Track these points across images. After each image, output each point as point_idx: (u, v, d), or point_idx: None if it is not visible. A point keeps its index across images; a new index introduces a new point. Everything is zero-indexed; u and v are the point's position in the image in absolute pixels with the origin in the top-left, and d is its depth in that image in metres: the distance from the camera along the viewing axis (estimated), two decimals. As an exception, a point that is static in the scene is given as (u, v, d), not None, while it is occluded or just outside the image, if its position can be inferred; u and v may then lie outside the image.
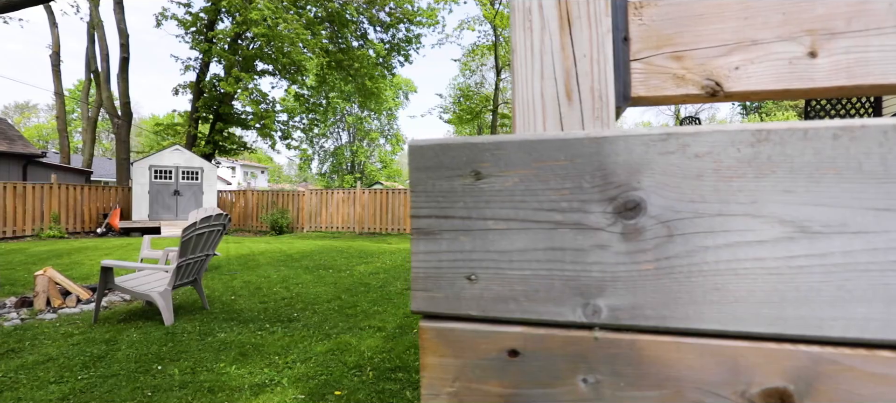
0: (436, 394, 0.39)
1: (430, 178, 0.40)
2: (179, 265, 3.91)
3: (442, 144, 0.39)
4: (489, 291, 0.39)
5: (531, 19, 0.46)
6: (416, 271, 0.40)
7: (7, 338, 3.50)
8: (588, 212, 0.36)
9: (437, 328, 0.40)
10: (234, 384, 2.73)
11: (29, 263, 7.20)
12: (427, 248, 0.40)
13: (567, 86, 0.45)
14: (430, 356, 0.39)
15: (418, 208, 0.40)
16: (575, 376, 0.37)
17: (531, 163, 0.38)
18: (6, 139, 16.33)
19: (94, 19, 18.28)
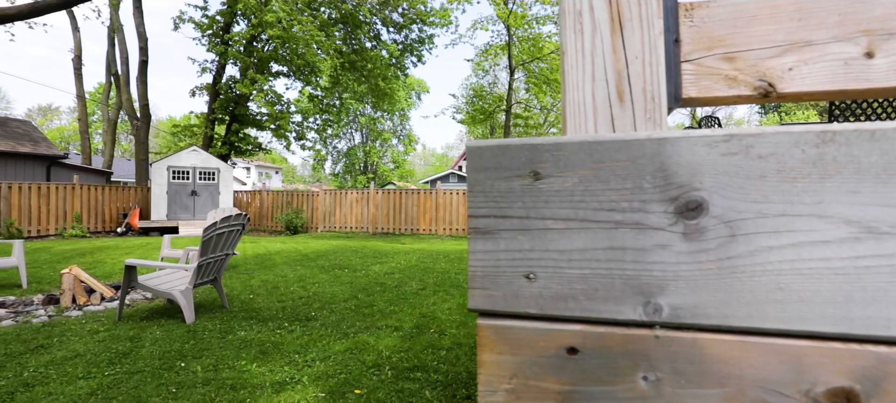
0: (493, 390, 0.40)
1: (488, 179, 0.41)
2: (200, 264, 3.98)
3: (501, 145, 0.40)
4: (548, 290, 0.39)
5: (582, 22, 0.47)
6: (474, 270, 0.41)
7: (36, 334, 3.60)
8: (649, 212, 0.37)
9: (494, 325, 0.41)
10: (256, 381, 2.77)
11: (54, 262, 7.39)
12: (485, 247, 0.41)
13: (619, 87, 0.45)
14: (488, 353, 0.40)
15: (476, 208, 0.41)
16: (635, 373, 0.37)
17: (591, 164, 0.38)
18: (31, 141, 16.78)
19: (114, 23, 18.70)
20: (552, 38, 19.40)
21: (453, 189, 14.69)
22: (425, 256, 8.31)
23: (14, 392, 2.60)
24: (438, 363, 3.11)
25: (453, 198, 14.33)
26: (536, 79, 20.14)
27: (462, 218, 14.20)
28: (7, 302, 4.60)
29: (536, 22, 18.58)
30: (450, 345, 3.45)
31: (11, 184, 11.57)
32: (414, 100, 42.14)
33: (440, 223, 14.40)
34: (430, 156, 75.04)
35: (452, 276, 6.24)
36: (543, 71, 19.70)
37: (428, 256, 8.30)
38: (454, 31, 31.17)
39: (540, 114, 30.75)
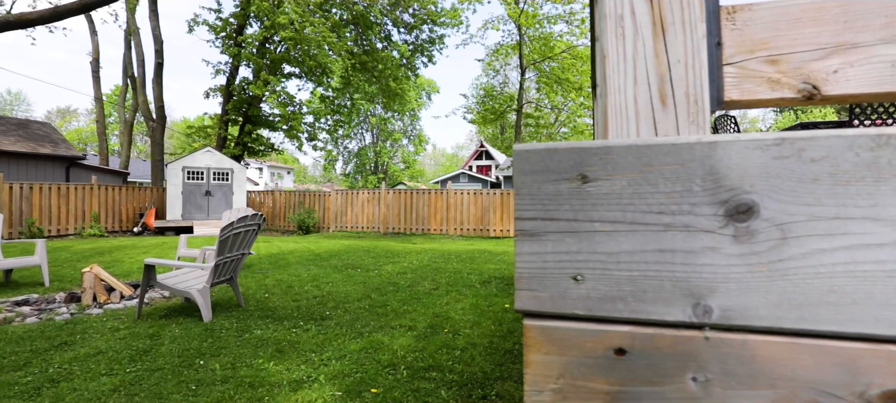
0: (539, 390, 0.41)
1: (535, 182, 0.41)
2: (217, 263, 4.04)
3: (548, 149, 0.41)
4: (596, 291, 0.40)
5: (623, 26, 0.47)
6: (521, 271, 0.42)
7: (59, 332, 3.69)
8: (698, 215, 0.37)
9: (541, 326, 0.41)
10: (273, 380, 2.81)
11: (74, 260, 7.55)
12: (531, 249, 0.42)
13: (661, 91, 0.46)
14: (535, 353, 0.41)
15: (523, 210, 0.42)
16: (684, 374, 0.38)
17: (639, 167, 0.39)
18: (50, 142, 17.15)
19: (130, 26, 19.04)
20: (563, 37, 19.30)
21: (464, 189, 14.69)
22: (437, 256, 8.32)
23: (40, 387, 2.67)
24: (453, 363, 3.11)
25: (464, 198, 14.33)
26: (547, 79, 20.06)
27: (473, 219, 14.19)
28: (31, 300, 4.72)
29: (547, 21, 18.50)
30: (464, 345, 3.46)
31: (33, 185, 11.85)
32: (424, 100, 42.24)
33: (451, 223, 14.41)
34: (441, 156, 75.10)
35: (464, 276, 6.24)
36: (554, 70, 19.61)
37: (439, 256, 8.31)
38: (465, 31, 31.23)
39: (550, 114, 30.61)
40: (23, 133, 16.81)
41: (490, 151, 40.19)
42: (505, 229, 13.93)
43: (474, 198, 14.23)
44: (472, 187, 32.18)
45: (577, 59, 19.02)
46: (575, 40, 18.89)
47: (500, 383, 2.81)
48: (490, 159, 40.39)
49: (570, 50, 18.92)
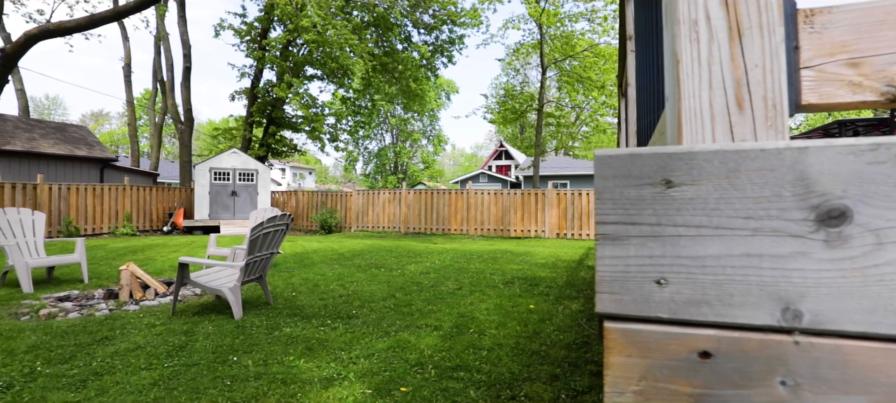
0: (620, 392, 0.41)
1: (617, 186, 0.42)
2: (247, 262, 4.14)
3: (632, 154, 0.41)
4: (680, 295, 0.40)
5: (698, 30, 0.47)
6: (602, 274, 0.43)
7: (100, 327, 3.84)
8: (788, 220, 0.37)
9: (623, 329, 0.42)
10: (305, 377, 2.86)
11: (109, 258, 7.85)
12: (614, 253, 0.43)
13: (737, 95, 0.46)
14: (616, 355, 0.42)
15: (605, 214, 0.43)
16: (772, 378, 0.38)
17: (726, 173, 0.39)
18: (86, 145, 17.83)
19: (160, 32, 19.65)
20: (585, 34, 19.04)
21: (484, 189, 14.66)
22: (459, 256, 8.33)
23: (86, 380, 2.79)
24: (480, 363, 3.12)
25: (484, 198, 14.30)
26: (569, 77, 19.83)
27: (493, 219, 14.15)
28: (72, 296, 4.92)
29: (569, 19, 18.30)
30: (490, 346, 3.46)
31: (70, 185, 12.34)
32: (443, 100, 42.30)
33: (471, 223, 14.41)
34: (460, 156, 75.10)
35: (487, 277, 6.24)
36: (576, 69, 19.39)
37: (461, 256, 8.32)
38: (485, 31, 31.16)
39: (570, 113, 30.25)
40: (61, 136, 17.53)
41: (509, 151, 40.00)
42: (526, 229, 13.84)
43: (495, 198, 14.18)
44: (491, 187, 32.09)
45: (599, 57, 18.75)
46: (597, 38, 18.62)
47: (529, 384, 2.81)
48: (509, 159, 40.20)
49: (592, 48, 18.66)
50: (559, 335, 3.76)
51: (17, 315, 4.22)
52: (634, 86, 2.47)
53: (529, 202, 13.81)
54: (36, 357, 3.13)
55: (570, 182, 29.66)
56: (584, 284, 5.84)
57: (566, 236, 13.39)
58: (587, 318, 4.27)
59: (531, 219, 13.77)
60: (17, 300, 4.74)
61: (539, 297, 5.08)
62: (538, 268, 6.95)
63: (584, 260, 8.08)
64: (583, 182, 29.18)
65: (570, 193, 13.50)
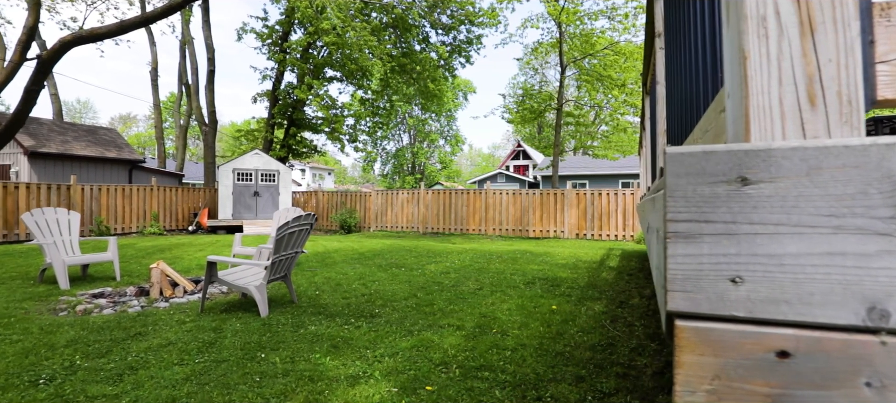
0: (692, 391, 0.41)
1: (689, 184, 0.42)
2: (273, 261, 4.22)
3: (705, 151, 0.41)
4: (756, 293, 0.40)
5: (767, 26, 0.47)
6: (674, 273, 0.42)
7: (133, 323, 3.96)
8: (874, 218, 0.37)
9: (695, 327, 0.42)
10: (331, 374, 2.90)
11: (139, 257, 8.09)
12: (686, 251, 0.42)
13: (809, 91, 0.45)
14: (687, 354, 0.41)
15: (676, 212, 0.42)
16: (856, 379, 0.37)
17: (806, 170, 0.38)
18: (115, 147, 18.41)
19: (185, 37, 20.16)
20: (605, 32, 18.81)
21: (502, 189, 14.60)
22: (478, 256, 8.32)
23: (122, 374, 2.88)
24: (504, 363, 3.11)
25: (502, 198, 14.25)
26: (588, 76, 19.61)
27: (512, 219, 14.09)
28: (105, 293, 5.09)
29: (588, 17, 18.10)
30: (514, 346, 3.45)
31: (101, 186, 12.77)
32: (461, 100, 42.30)
33: (489, 223, 14.37)
34: (477, 156, 74.98)
35: (508, 277, 6.21)
36: (596, 67, 19.16)
37: (481, 256, 8.31)
38: (503, 30, 30.99)
39: (590, 112, 29.89)
40: (92, 138, 18.14)
41: (527, 151, 39.75)
42: (544, 230, 13.74)
43: (513, 198, 14.12)
44: (509, 187, 31.95)
45: (619, 55, 18.50)
46: (617, 36, 18.37)
47: (554, 385, 2.79)
48: (527, 159, 39.95)
49: (613, 46, 18.42)
50: (583, 336, 3.73)
51: (56, 310, 4.39)
52: (663, 83, 2.43)
53: (548, 202, 13.70)
54: (75, 351, 3.25)
55: (589, 182, 29.31)
56: (606, 285, 5.77)
57: (586, 236, 13.24)
58: (611, 320, 4.22)
59: (550, 220, 13.66)
60: (55, 296, 4.93)
61: (561, 298, 5.03)
62: (559, 269, 6.89)
63: (606, 261, 7.98)
64: (602, 182, 28.81)
65: (589, 193, 13.35)
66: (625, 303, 4.83)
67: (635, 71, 18.16)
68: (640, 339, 3.67)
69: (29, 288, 5.32)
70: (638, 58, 17.94)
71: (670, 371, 3.14)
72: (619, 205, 12.89)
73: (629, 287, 5.67)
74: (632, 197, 12.83)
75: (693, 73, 1.34)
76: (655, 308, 4.63)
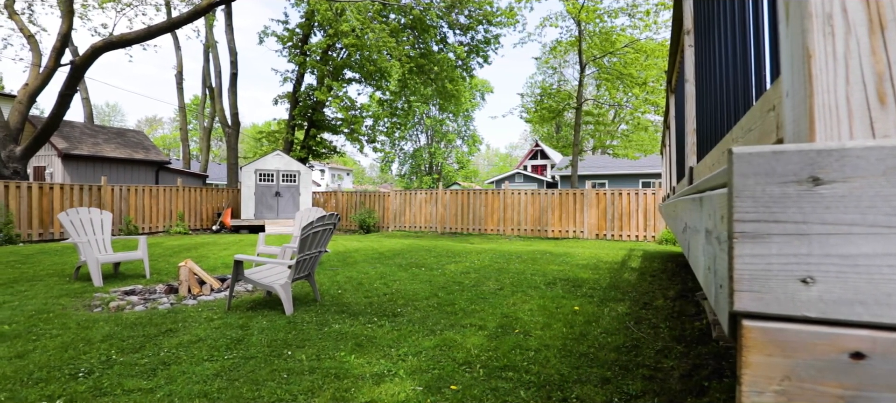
0: (760, 391, 0.41)
1: (758, 184, 0.42)
2: (298, 260, 4.29)
3: (774, 151, 0.41)
4: (829, 294, 0.40)
5: (833, 24, 0.46)
6: (740, 273, 0.42)
7: (164, 319, 4.08)
8: (956, 218, 0.36)
9: (764, 328, 0.42)
10: (356, 372, 2.94)
11: (167, 255, 8.31)
12: (753, 251, 0.42)
13: (879, 90, 0.44)
14: (755, 354, 0.41)
15: (744, 212, 0.42)
16: (937, 382, 0.37)
17: (884, 170, 0.38)
18: (143, 148, 18.96)
19: (209, 41, 20.63)
20: (625, 30, 18.54)
21: (520, 189, 14.53)
22: (497, 256, 8.30)
23: (155, 369, 2.98)
24: (528, 363, 3.10)
25: (521, 198, 14.18)
26: (608, 74, 19.36)
27: (530, 219, 14.01)
28: (136, 290, 5.26)
29: (608, 15, 17.86)
30: (537, 347, 3.43)
31: (129, 187, 13.17)
32: (478, 100, 42.24)
33: (508, 223, 14.31)
34: (494, 156, 74.76)
35: (528, 277, 6.19)
36: (616, 65, 18.89)
37: (500, 256, 8.29)
38: (522, 29, 30.81)
39: (609, 111, 29.48)
40: (121, 141, 18.72)
41: (545, 150, 39.45)
42: (563, 230, 13.62)
43: (532, 198, 14.03)
44: (527, 187, 31.76)
45: (640, 53, 18.20)
46: (638, 34, 18.08)
47: (579, 386, 2.77)
48: (545, 158, 39.65)
49: (633, 44, 18.14)
50: (607, 337, 3.69)
51: (91, 307, 4.55)
52: (693, 81, 2.39)
53: (567, 202, 13.57)
54: (110, 346, 3.37)
55: (609, 181, 28.92)
56: (628, 286, 5.69)
57: (606, 237, 13.07)
58: (635, 321, 4.16)
59: (569, 220, 13.53)
60: (90, 293, 5.11)
61: (583, 299, 4.99)
62: (579, 270, 6.83)
63: (627, 262, 7.86)
64: (622, 181, 28.39)
65: (609, 193, 13.18)
66: (648, 305, 4.76)
67: (657, 68, 17.84)
68: (665, 341, 3.62)
69: (65, 285, 5.52)
70: (659, 55, 17.63)
71: (698, 374, 3.07)
72: (640, 205, 12.69)
73: (652, 288, 5.58)
74: (653, 197, 12.62)
75: (729, 72, 1.32)
76: (680, 310, 4.54)
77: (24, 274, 6.14)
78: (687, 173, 2.46)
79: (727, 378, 2.94)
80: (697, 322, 4.09)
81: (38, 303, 4.58)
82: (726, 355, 3.34)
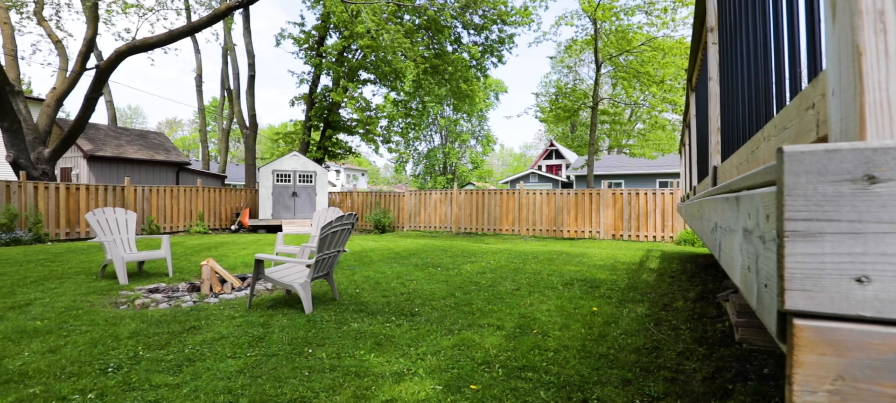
0: (812, 391, 0.41)
1: (810, 183, 0.42)
2: (317, 259, 4.34)
3: (827, 150, 0.41)
4: (886, 293, 0.39)
5: (885, 21, 0.45)
6: (792, 272, 0.42)
7: (187, 317, 4.17)
8: None
9: (816, 327, 0.41)
10: (376, 371, 2.96)
11: (188, 254, 8.49)
12: (806, 250, 0.42)
13: (933, 87, 0.44)
14: (807, 354, 0.41)
15: (795, 211, 0.42)
16: None
17: (943, 168, 0.38)
18: (164, 150, 19.38)
19: (227, 43, 21.00)
20: (642, 28, 18.29)
21: (535, 189, 14.44)
22: (513, 256, 8.28)
23: (181, 365, 3.05)
24: (547, 364, 3.09)
25: (536, 199, 14.09)
26: (625, 73, 19.12)
27: (545, 219, 13.92)
28: (160, 288, 5.38)
29: (625, 13, 17.65)
30: (556, 347, 3.41)
31: (151, 187, 13.48)
32: (492, 100, 42.13)
33: (523, 223, 14.25)
34: (508, 156, 74.48)
35: (545, 278, 6.15)
36: (632, 64, 18.65)
37: (516, 256, 8.26)
38: (536, 28, 30.67)
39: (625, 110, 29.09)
40: (143, 142, 19.17)
41: (560, 150, 39.15)
42: (579, 230, 13.49)
43: (547, 198, 13.94)
44: (541, 187, 31.56)
45: (657, 51, 17.93)
46: (655, 31, 17.83)
47: (600, 387, 2.75)
48: (560, 158, 39.35)
49: (650, 42, 17.89)
50: (626, 339, 3.65)
51: (117, 304, 4.68)
52: (717, 79, 2.35)
53: (583, 202, 13.45)
54: (137, 342, 3.46)
55: (625, 181, 28.57)
56: (647, 287, 5.62)
57: (622, 237, 12.92)
58: (654, 323, 4.11)
59: (585, 220, 13.41)
60: (116, 290, 5.25)
61: (601, 300, 4.94)
62: (597, 270, 6.76)
63: (645, 263, 7.76)
64: (638, 181, 28.01)
65: (626, 193, 13.02)
66: (668, 306, 4.69)
67: (674, 66, 17.56)
68: (686, 343, 3.56)
69: (92, 282, 5.68)
70: (677, 53, 17.35)
71: (722, 377, 3.02)
72: (658, 205, 12.51)
73: (672, 289, 5.50)
74: (671, 197, 12.43)
75: (759, 70, 1.30)
76: (701, 311, 4.47)
77: (54, 272, 6.33)
78: (710, 172, 2.42)
79: (752, 381, 2.89)
80: (719, 324, 4.02)
81: (68, 300, 4.73)
82: (750, 358, 3.28)
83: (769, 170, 0.53)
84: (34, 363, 3.04)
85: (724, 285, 5.31)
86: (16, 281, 5.68)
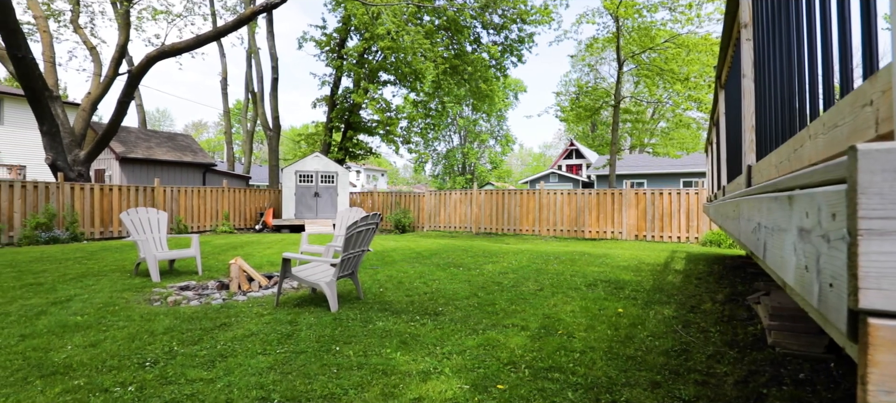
0: (889, 391, 0.40)
1: (885, 181, 0.41)
2: (343, 258, 4.41)
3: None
4: (968, 293, 0.39)
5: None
6: (867, 270, 0.42)
7: (218, 314, 4.29)
8: None
9: (893, 326, 0.41)
10: (403, 369, 2.99)
11: (215, 253, 8.71)
12: (881, 249, 0.42)
13: None
14: (884, 353, 0.41)
15: (870, 210, 0.42)
16: None
17: None
18: (191, 151, 19.92)
19: (251, 47, 21.45)
20: (665, 25, 17.93)
21: (556, 189, 14.31)
22: (535, 257, 8.22)
23: (214, 360, 3.14)
24: (574, 365, 3.07)
25: (557, 199, 13.97)
26: (648, 71, 18.77)
27: (566, 220, 13.78)
28: (191, 286, 5.54)
29: (647, 10, 17.33)
30: (582, 349, 3.39)
31: (180, 188, 13.88)
32: (511, 100, 41.92)
33: (543, 223, 14.14)
34: (527, 156, 73.96)
35: (568, 278, 6.10)
36: (655, 61, 18.30)
37: (538, 257, 8.21)
38: (557, 27, 30.35)
39: (647, 108, 28.54)
40: (171, 144, 19.75)
41: (580, 150, 38.68)
42: (601, 231, 13.31)
43: (568, 198, 13.80)
44: (562, 187, 31.24)
45: (682, 48, 17.55)
46: (679, 28, 17.45)
47: (628, 389, 2.71)
48: (580, 158, 38.87)
49: (674, 39, 17.52)
50: (654, 341, 3.59)
51: (151, 301, 4.84)
52: (751, 76, 2.30)
53: (605, 202, 13.27)
54: (172, 338, 3.58)
55: (647, 181, 28.03)
56: (673, 289, 5.51)
57: (645, 238, 12.69)
58: (682, 325, 4.03)
59: (607, 220, 13.22)
60: (149, 288, 5.43)
61: (626, 301, 4.87)
62: (620, 271, 6.67)
63: (670, 264, 7.61)
64: (661, 181, 27.45)
65: (649, 193, 12.78)
66: (696, 308, 4.60)
67: (699, 63, 17.16)
68: (716, 346, 3.49)
69: (126, 280, 5.89)
70: (702, 50, 16.94)
71: (755, 381, 2.95)
72: (682, 205, 12.24)
73: (699, 291, 5.38)
74: (697, 196, 12.14)
75: (803, 67, 1.28)
76: (731, 314, 4.36)
77: (91, 270, 6.59)
78: (744, 171, 2.37)
79: (787, 386, 2.81)
80: (751, 327, 3.92)
81: (105, 297, 4.91)
82: (784, 362, 3.19)
83: (832, 169, 0.52)
84: (77, 356, 3.17)
85: (754, 287, 5.17)
86: (57, 278, 5.93)
